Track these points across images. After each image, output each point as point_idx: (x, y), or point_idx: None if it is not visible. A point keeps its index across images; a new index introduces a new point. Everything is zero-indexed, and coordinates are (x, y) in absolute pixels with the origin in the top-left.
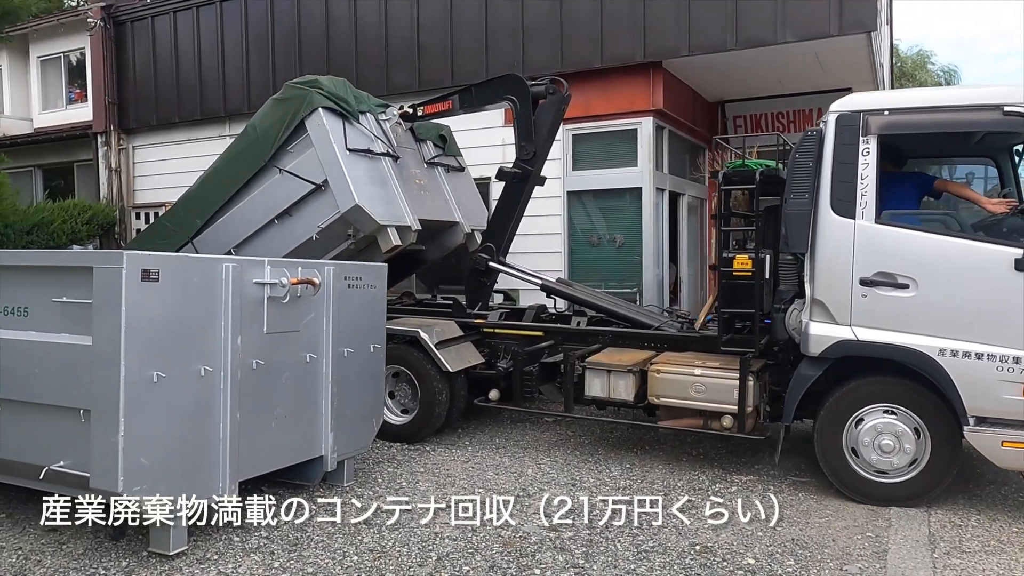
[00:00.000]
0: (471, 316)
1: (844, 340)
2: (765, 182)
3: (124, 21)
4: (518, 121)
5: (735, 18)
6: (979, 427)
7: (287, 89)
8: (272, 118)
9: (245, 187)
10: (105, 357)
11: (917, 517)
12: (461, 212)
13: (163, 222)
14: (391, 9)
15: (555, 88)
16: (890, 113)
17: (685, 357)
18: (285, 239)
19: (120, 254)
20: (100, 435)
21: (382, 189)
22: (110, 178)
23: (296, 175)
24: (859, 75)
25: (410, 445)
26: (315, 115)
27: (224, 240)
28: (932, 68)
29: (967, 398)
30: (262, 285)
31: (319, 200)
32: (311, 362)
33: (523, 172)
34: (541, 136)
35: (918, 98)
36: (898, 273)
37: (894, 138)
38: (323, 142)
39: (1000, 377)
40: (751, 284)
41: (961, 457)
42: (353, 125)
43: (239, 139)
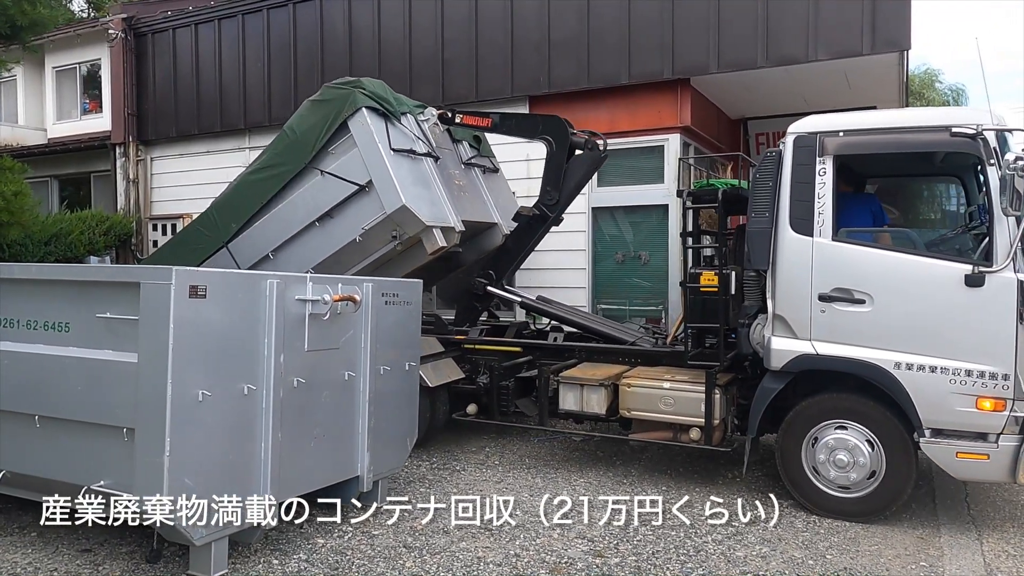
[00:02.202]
0: (452, 332)
1: (804, 354)
2: (731, 201)
3: (145, 33)
4: (549, 164)
5: (766, 36)
6: (934, 439)
7: (327, 91)
8: (312, 120)
9: (283, 190)
10: (151, 374)
11: (970, 546)
12: (499, 213)
13: (196, 227)
14: (415, 23)
15: (594, 143)
16: (845, 135)
17: (656, 371)
18: (326, 242)
19: (169, 270)
20: (145, 454)
21: (426, 190)
22: (128, 189)
23: (339, 176)
24: (886, 93)
25: (441, 464)
26: (358, 115)
27: (261, 244)
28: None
29: (922, 410)
30: (304, 302)
31: (363, 201)
32: (349, 380)
33: (541, 215)
34: (568, 186)
35: (872, 120)
36: (855, 289)
37: (851, 158)
38: (367, 142)
39: (953, 390)
40: (717, 300)
41: (917, 467)
42: (395, 125)
43: (276, 142)
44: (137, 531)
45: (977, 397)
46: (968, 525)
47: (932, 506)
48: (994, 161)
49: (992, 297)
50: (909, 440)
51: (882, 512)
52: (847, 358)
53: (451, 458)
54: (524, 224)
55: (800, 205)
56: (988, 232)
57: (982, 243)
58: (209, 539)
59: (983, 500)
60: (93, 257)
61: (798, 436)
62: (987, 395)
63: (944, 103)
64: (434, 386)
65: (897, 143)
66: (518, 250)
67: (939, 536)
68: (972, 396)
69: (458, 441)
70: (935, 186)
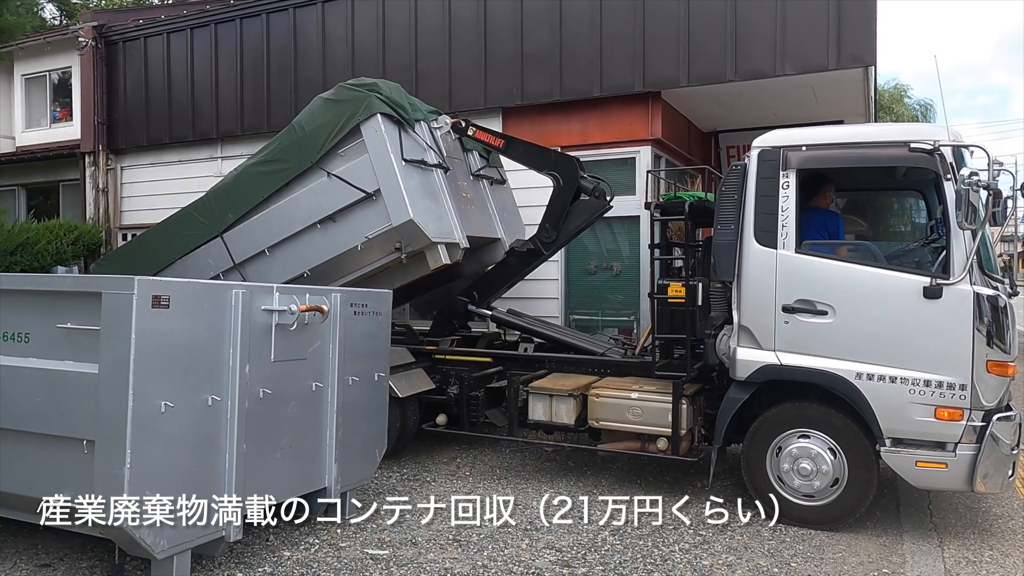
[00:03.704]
0: (423, 342)
1: (768, 364)
2: (698, 213)
3: (116, 41)
4: (553, 202)
5: (735, 50)
6: (895, 448)
7: (341, 90)
8: (323, 119)
9: (286, 186)
10: (112, 386)
11: (931, 553)
12: (503, 228)
13: (191, 212)
14: (389, 34)
15: (601, 192)
16: (807, 149)
17: (624, 382)
18: (327, 245)
19: (131, 280)
20: (105, 466)
21: (434, 203)
22: (97, 198)
23: (346, 181)
24: (853, 107)
25: (412, 475)
26: (372, 121)
27: (259, 238)
28: (909, 102)
29: (883, 420)
30: (271, 312)
31: (368, 209)
32: (317, 391)
33: (535, 250)
34: (567, 228)
35: (834, 135)
36: (817, 300)
37: (813, 172)
38: (379, 150)
39: (912, 399)
40: (684, 311)
41: (878, 473)
42: (408, 134)
43: (282, 137)
44: (98, 545)
45: (936, 407)
46: (930, 532)
47: (896, 514)
48: (950, 176)
49: (949, 309)
50: (870, 447)
51: (846, 519)
52: (810, 368)
53: (422, 469)
54: (516, 256)
55: (764, 218)
56: (946, 245)
57: (940, 256)
58: (171, 552)
59: (946, 508)
60: (61, 267)
61: (762, 446)
62: (945, 405)
63: (912, 118)
64: (404, 397)
65: (858, 157)
66: (506, 279)
67: (902, 543)
68: (931, 406)
69: (429, 452)
70: (899, 200)
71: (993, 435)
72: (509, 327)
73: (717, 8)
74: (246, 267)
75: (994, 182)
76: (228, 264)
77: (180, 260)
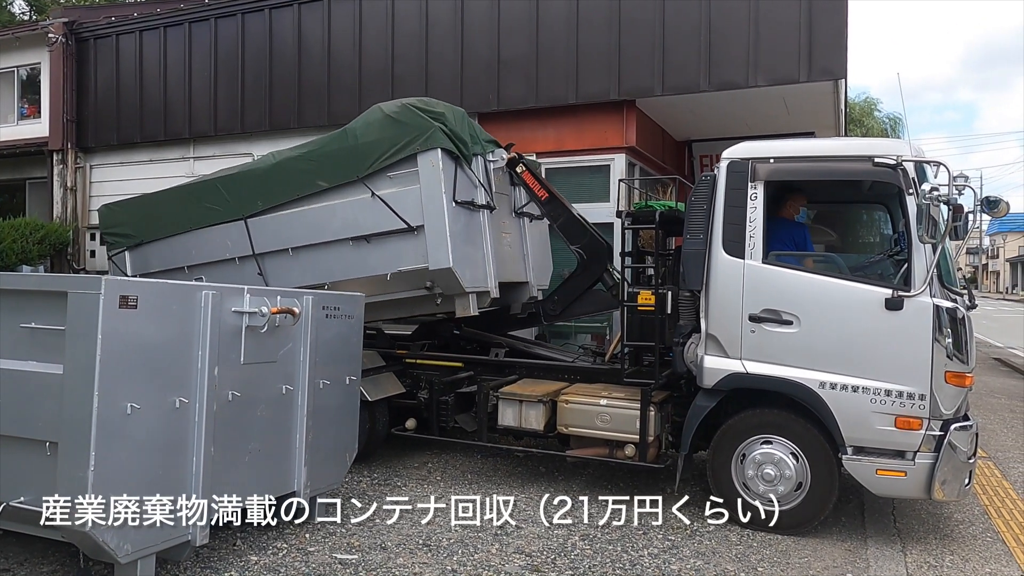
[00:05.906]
0: (394, 346)
1: (734, 373)
2: (668, 222)
3: (87, 38)
4: (571, 280)
5: (708, 61)
6: (856, 456)
7: (406, 111)
8: (379, 134)
9: (325, 191)
10: (77, 387)
11: (894, 558)
12: (533, 272)
13: (217, 186)
14: (365, 37)
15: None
16: (775, 161)
17: (594, 388)
18: (355, 264)
19: (98, 279)
20: (68, 468)
21: (474, 249)
22: (65, 197)
23: (390, 206)
24: (824, 119)
25: (383, 480)
26: (432, 154)
27: (285, 236)
28: (879, 115)
29: (845, 428)
30: (241, 314)
31: (407, 242)
32: (287, 394)
33: (535, 316)
34: (573, 311)
35: (802, 148)
36: (783, 310)
37: (781, 184)
38: (432, 186)
39: (874, 409)
40: (654, 319)
41: (840, 477)
42: (464, 171)
43: (331, 139)
44: (60, 550)
45: (896, 416)
46: (894, 538)
47: (860, 519)
48: (912, 190)
49: (910, 320)
50: (831, 451)
51: (810, 523)
52: (775, 377)
53: (392, 473)
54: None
55: (732, 228)
56: (907, 258)
57: (902, 269)
58: (135, 557)
59: (909, 514)
60: (26, 266)
61: (727, 452)
62: (905, 414)
63: (882, 131)
64: (374, 400)
65: (824, 171)
66: (498, 327)
67: (866, 548)
68: (891, 415)
69: (400, 457)
70: (866, 212)
71: (951, 444)
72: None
73: (691, 20)
74: (265, 260)
75: (954, 197)
76: (247, 251)
77: (196, 231)
